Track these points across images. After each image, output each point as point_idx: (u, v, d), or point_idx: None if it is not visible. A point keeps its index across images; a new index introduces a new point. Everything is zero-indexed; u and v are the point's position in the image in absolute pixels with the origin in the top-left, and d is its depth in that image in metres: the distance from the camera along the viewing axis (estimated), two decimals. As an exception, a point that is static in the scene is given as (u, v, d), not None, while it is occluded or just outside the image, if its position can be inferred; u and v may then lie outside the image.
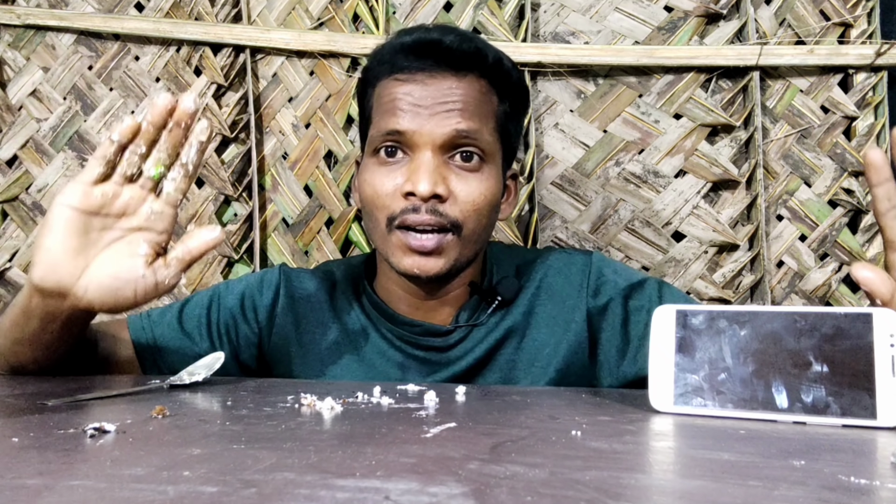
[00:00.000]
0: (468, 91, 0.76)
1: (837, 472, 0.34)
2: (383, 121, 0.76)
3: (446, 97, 0.74)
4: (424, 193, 0.71)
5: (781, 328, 0.51)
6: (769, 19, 1.26)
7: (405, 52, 0.77)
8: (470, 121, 0.74)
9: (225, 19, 1.31)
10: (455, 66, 0.76)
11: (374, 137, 0.77)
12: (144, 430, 0.42)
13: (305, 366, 0.84)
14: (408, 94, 0.75)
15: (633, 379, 0.80)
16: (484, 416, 0.49)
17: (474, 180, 0.75)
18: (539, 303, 0.83)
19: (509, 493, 0.29)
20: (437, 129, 0.73)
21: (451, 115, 0.74)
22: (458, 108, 0.74)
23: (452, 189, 0.74)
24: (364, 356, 0.83)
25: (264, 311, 0.86)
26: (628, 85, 1.27)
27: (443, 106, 0.74)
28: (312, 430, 0.44)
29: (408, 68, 0.76)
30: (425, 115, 0.74)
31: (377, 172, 0.76)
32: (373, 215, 0.77)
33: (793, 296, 1.25)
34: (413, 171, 0.73)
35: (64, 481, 0.30)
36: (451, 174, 0.74)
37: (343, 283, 0.88)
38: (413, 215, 0.73)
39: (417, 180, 0.72)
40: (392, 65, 0.77)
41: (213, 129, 0.63)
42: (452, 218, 0.73)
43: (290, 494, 0.28)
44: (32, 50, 1.32)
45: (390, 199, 0.74)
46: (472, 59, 0.77)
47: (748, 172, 1.24)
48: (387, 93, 0.77)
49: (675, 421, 0.50)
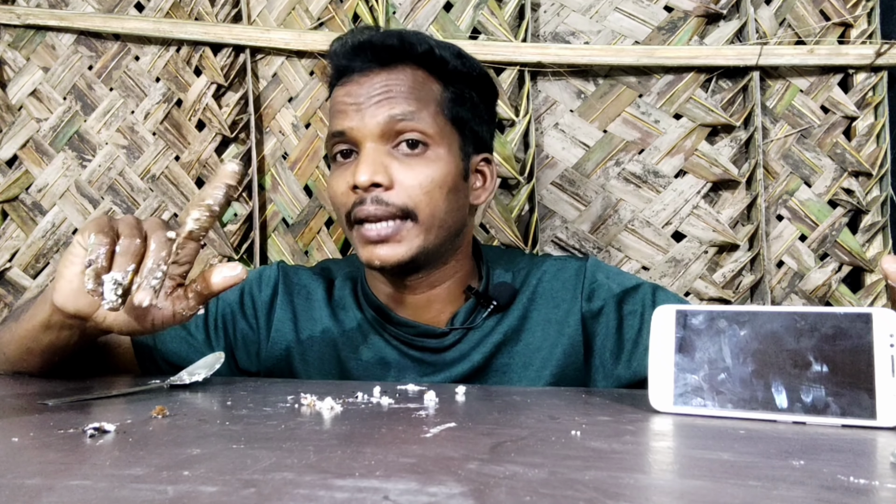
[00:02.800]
0: (400, 81, 0.78)
1: (837, 472, 0.34)
2: (331, 125, 0.80)
3: (378, 91, 0.77)
4: (362, 183, 0.74)
5: (781, 328, 0.51)
6: (769, 19, 1.26)
7: (339, 57, 0.81)
8: (403, 105, 0.76)
9: (225, 19, 1.31)
10: (382, 61, 0.79)
11: (327, 144, 0.82)
12: (144, 430, 0.42)
13: (304, 362, 0.84)
14: (346, 94, 0.79)
15: (627, 382, 0.81)
16: (484, 416, 0.49)
17: (419, 165, 0.76)
18: (534, 307, 0.84)
19: (509, 493, 0.29)
20: (371, 121, 0.76)
21: (382, 104, 0.76)
22: (389, 97, 0.77)
23: (396, 177, 0.75)
24: (361, 355, 0.83)
25: (263, 306, 0.86)
26: (628, 85, 1.27)
27: (375, 99, 0.77)
28: (312, 430, 0.44)
29: (346, 71, 0.80)
30: (361, 112, 0.77)
31: (334, 175, 0.80)
32: (338, 216, 0.81)
33: (793, 296, 1.25)
34: (356, 164, 0.76)
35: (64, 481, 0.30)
36: (395, 162, 0.76)
37: (341, 281, 0.88)
38: (360, 208, 0.75)
39: (356, 172, 0.75)
40: (335, 73, 0.83)
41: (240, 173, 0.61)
42: (400, 205, 0.75)
43: (289, 494, 0.28)
44: (32, 50, 1.32)
45: (345, 197, 0.77)
46: (397, 51, 0.79)
47: (748, 172, 1.24)
48: (332, 100, 0.82)
49: (674, 421, 0.50)
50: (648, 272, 1.25)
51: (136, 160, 1.30)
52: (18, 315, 0.72)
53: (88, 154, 1.31)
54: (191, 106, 1.29)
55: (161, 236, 0.56)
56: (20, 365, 0.73)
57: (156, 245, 0.55)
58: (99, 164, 1.30)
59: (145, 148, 1.30)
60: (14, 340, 0.71)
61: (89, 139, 1.31)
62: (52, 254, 1.30)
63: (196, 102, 1.29)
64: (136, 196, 1.30)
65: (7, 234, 1.31)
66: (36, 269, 1.30)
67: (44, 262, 1.30)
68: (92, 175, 1.30)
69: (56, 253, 1.29)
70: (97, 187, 1.30)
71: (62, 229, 1.30)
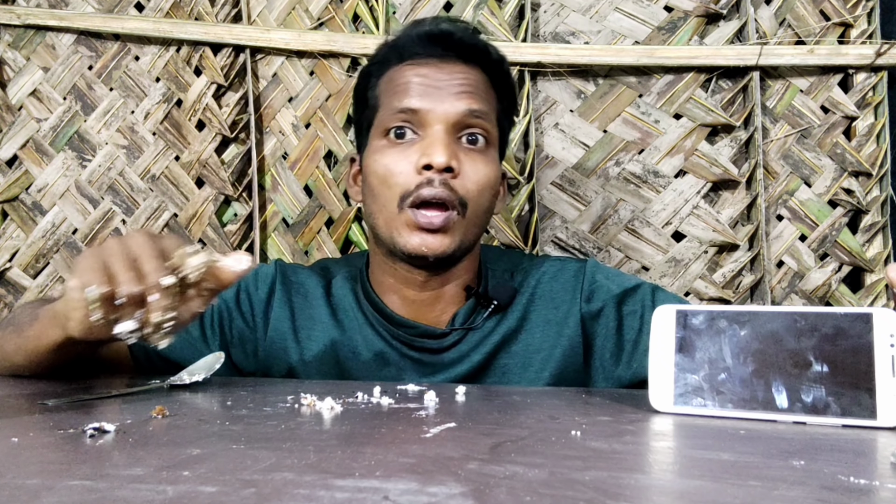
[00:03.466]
0: (477, 80, 0.80)
1: (837, 472, 0.34)
2: (395, 100, 0.78)
3: (457, 80, 0.78)
4: (441, 164, 0.73)
5: (781, 328, 0.51)
6: (769, 19, 1.26)
7: (416, 41, 0.80)
8: (479, 101, 0.78)
9: (225, 19, 1.31)
10: (463, 56, 0.80)
11: (385, 118, 0.79)
12: (144, 430, 0.42)
13: (301, 361, 0.84)
14: (421, 75, 0.78)
15: (627, 383, 0.81)
16: (484, 417, 0.49)
17: (479, 161, 0.78)
18: (534, 308, 0.84)
19: (509, 493, 0.29)
20: (450, 108, 0.76)
21: (462, 96, 0.77)
22: (468, 90, 0.78)
23: (462, 166, 0.76)
24: (360, 354, 0.83)
25: (259, 304, 0.86)
26: (628, 85, 1.27)
27: (455, 87, 0.77)
28: (312, 430, 0.44)
29: (419, 55, 0.79)
30: (438, 95, 0.77)
31: (388, 153, 0.78)
32: (382, 195, 0.77)
33: (793, 296, 1.25)
34: (428, 145, 0.75)
35: (64, 481, 0.30)
36: (461, 153, 0.77)
37: (341, 280, 0.88)
38: (428, 188, 0.74)
39: (434, 152, 0.74)
40: (402, 54, 0.81)
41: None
42: (461, 194, 0.76)
43: (289, 494, 0.28)
44: (32, 50, 1.32)
45: (404, 177, 0.76)
46: (478, 52, 0.81)
47: (748, 172, 1.24)
48: (398, 76, 0.80)
49: (675, 421, 0.50)
50: (648, 272, 1.25)
51: (136, 160, 1.30)
52: (21, 327, 0.70)
53: (88, 154, 1.31)
54: (191, 106, 1.29)
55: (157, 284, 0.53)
56: (25, 371, 0.73)
57: (157, 297, 0.53)
58: (99, 164, 1.30)
59: (145, 148, 1.30)
60: (20, 354, 0.70)
61: (89, 139, 1.31)
62: (51, 254, 1.30)
63: (196, 102, 1.29)
64: (136, 196, 1.30)
65: (7, 234, 1.31)
66: (36, 269, 1.30)
67: (44, 262, 1.30)
68: (92, 175, 1.30)
69: (56, 253, 1.29)
70: (97, 187, 1.30)
71: (62, 229, 1.30)
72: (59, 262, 1.29)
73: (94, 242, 1.29)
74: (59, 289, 1.29)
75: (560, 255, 1.25)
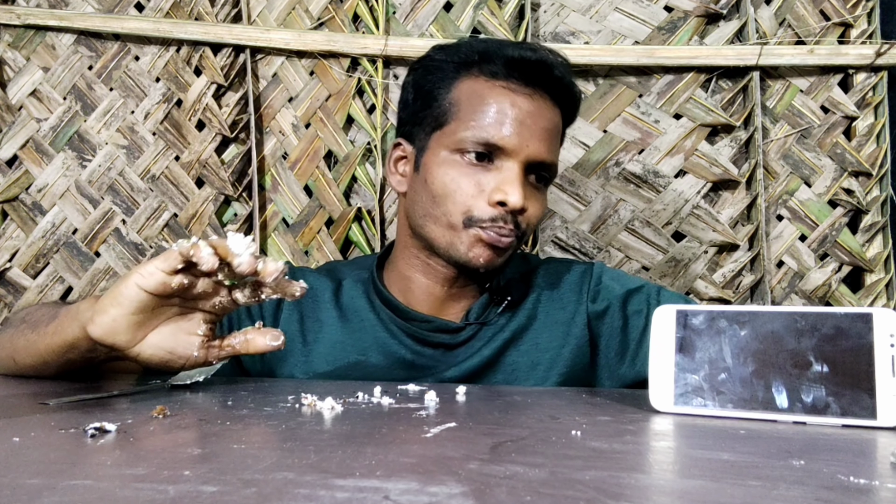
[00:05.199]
0: (556, 122, 0.81)
1: (837, 471, 0.34)
2: (483, 124, 0.77)
3: (545, 121, 0.79)
4: (517, 206, 0.75)
5: (781, 328, 0.51)
6: (769, 19, 1.26)
7: (513, 64, 0.78)
8: (554, 155, 0.81)
9: (225, 19, 1.31)
10: (554, 94, 0.80)
11: (465, 136, 0.77)
12: (145, 430, 0.42)
13: (308, 364, 0.84)
14: (514, 106, 0.77)
15: (631, 381, 0.83)
16: (484, 416, 0.50)
17: (541, 200, 0.81)
18: (542, 308, 0.86)
19: (509, 493, 0.29)
20: (534, 151, 0.77)
21: (544, 139, 0.78)
22: (551, 134, 0.79)
23: (529, 204, 0.78)
24: (369, 356, 0.83)
25: (269, 308, 0.86)
26: (628, 85, 1.27)
27: (541, 130, 0.78)
28: (313, 429, 0.44)
29: (514, 79, 0.78)
30: (527, 133, 0.77)
31: (462, 171, 0.78)
32: (446, 208, 0.78)
33: (793, 296, 1.25)
34: (507, 182, 0.76)
35: (65, 481, 0.30)
36: (528, 189, 0.78)
37: (351, 283, 0.88)
38: (496, 225, 0.76)
39: (512, 193, 0.75)
40: (493, 69, 0.79)
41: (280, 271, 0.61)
42: (524, 229, 0.79)
43: (289, 494, 0.28)
44: (32, 50, 1.32)
45: (475, 201, 0.77)
46: (565, 90, 0.81)
47: (748, 172, 1.24)
48: (488, 95, 0.78)
49: (675, 421, 0.50)
50: (648, 272, 1.25)
51: (136, 160, 1.30)
52: (37, 323, 0.69)
53: (88, 154, 1.31)
54: (191, 106, 1.29)
55: (251, 260, 0.57)
56: (28, 372, 0.72)
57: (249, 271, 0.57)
58: (99, 164, 1.30)
59: (145, 148, 1.30)
60: (30, 352, 0.69)
61: (89, 139, 1.31)
62: (52, 254, 1.30)
63: (196, 102, 1.29)
64: (136, 196, 1.30)
65: (7, 234, 1.31)
66: (36, 269, 1.30)
67: (44, 262, 1.30)
68: (92, 175, 1.30)
69: (56, 253, 1.29)
70: (97, 187, 1.30)
71: (62, 229, 1.30)
72: (59, 262, 1.29)
73: (94, 243, 1.29)
74: (58, 289, 1.29)
75: (565, 256, 1.25)
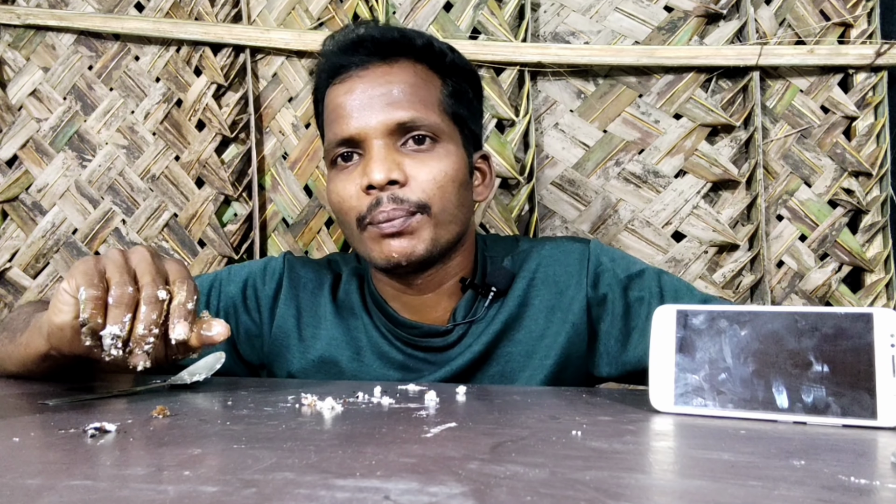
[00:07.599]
0: (403, 76, 0.77)
1: (837, 472, 0.34)
2: (332, 131, 0.78)
3: (382, 87, 0.76)
4: (379, 181, 0.72)
5: (782, 328, 0.51)
6: (769, 19, 1.26)
7: (336, 55, 0.79)
8: (410, 109, 0.75)
9: (225, 19, 1.31)
10: (383, 54, 0.77)
11: (329, 150, 0.79)
12: (145, 430, 0.42)
13: (304, 360, 0.84)
14: (346, 92, 0.76)
15: (632, 368, 0.80)
16: (484, 416, 0.49)
17: (430, 160, 0.76)
18: (535, 293, 0.82)
19: (509, 493, 0.29)
20: (383, 119, 0.74)
21: (389, 105, 0.75)
22: (395, 97, 0.75)
23: (409, 173, 0.75)
24: (364, 354, 0.83)
25: (266, 300, 0.86)
26: (628, 85, 1.27)
27: (381, 98, 0.75)
28: (313, 430, 0.44)
29: (343, 67, 0.78)
30: (368, 111, 0.75)
31: (337, 180, 0.78)
32: (344, 221, 0.78)
33: (793, 296, 1.25)
34: (366, 164, 0.74)
35: (65, 481, 0.30)
36: (406, 159, 0.75)
37: (348, 276, 0.87)
38: (377, 210, 0.73)
39: (371, 171, 0.73)
40: (329, 71, 0.79)
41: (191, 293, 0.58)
42: (416, 200, 0.74)
43: (289, 494, 0.28)
44: (32, 50, 1.32)
45: (356, 200, 0.75)
46: (398, 45, 0.78)
47: (748, 172, 1.24)
48: (330, 101, 0.79)
49: (675, 421, 0.50)
50: (648, 272, 1.25)
51: (136, 160, 1.30)
52: (14, 333, 0.70)
53: (88, 154, 1.31)
54: (191, 106, 1.29)
55: (152, 295, 0.54)
56: (19, 375, 0.72)
57: (146, 308, 0.54)
58: (99, 164, 1.30)
59: (145, 148, 1.30)
60: (13, 361, 0.70)
61: (89, 139, 1.31)
62: (52, 254, 1.30)
63: (196, 102, 1.29)
64: (136, 196, 1.30)
65: (7, 234, 1.31)
66: (36, 269, 1.30)
67: (44, 262, 1.30)
68: (92, 175, 1.30)
69: (56, 253, 1.29)
70: (97, 187, 1.30)
71: (62, 229, 1.30)
72: (59, 262, 1.29)
73: (94, 243, 1.29)
74: (59, 289, 1.29)
75: (561, 236, 1.23)
